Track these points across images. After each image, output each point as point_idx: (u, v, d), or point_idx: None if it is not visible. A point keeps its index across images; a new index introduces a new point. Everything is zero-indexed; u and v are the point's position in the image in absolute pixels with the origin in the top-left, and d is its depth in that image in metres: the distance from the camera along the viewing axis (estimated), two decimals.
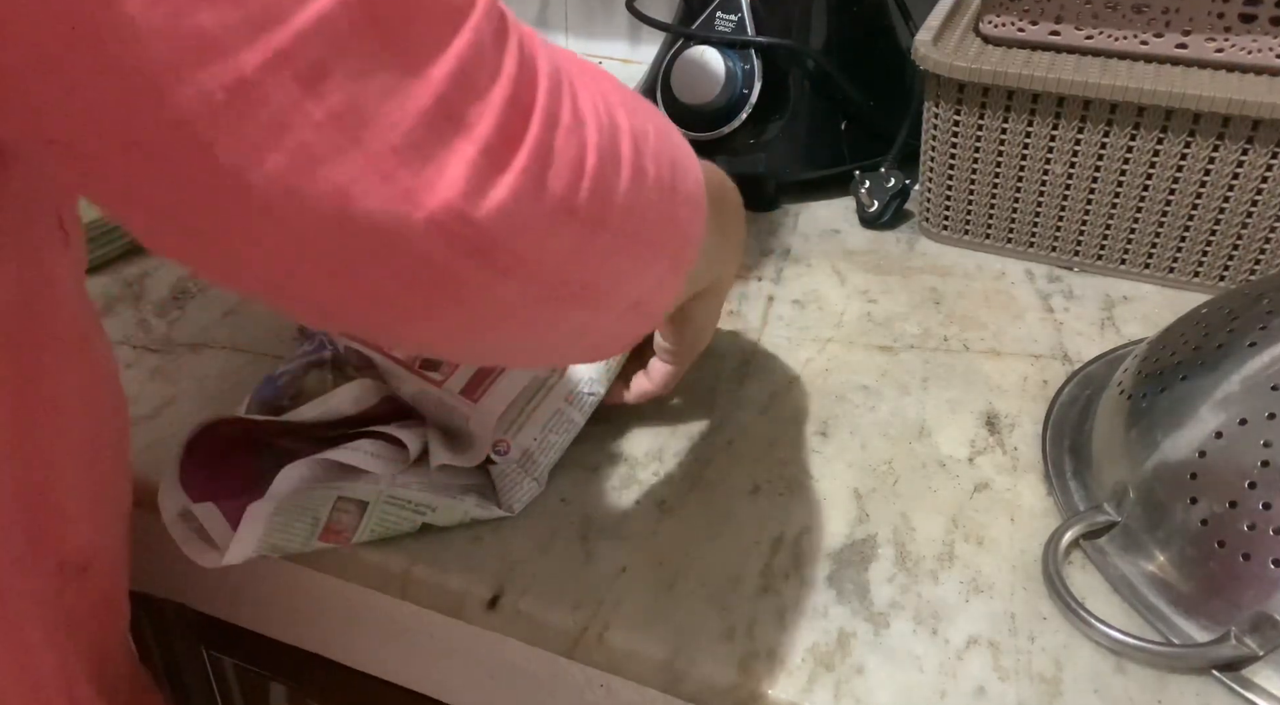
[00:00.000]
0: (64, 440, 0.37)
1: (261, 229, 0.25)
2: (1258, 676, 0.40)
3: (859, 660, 0.42)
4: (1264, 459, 0.41)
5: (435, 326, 0.29)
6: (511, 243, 0.27)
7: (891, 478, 0.51)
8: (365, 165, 0.24)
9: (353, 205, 0.24)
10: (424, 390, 0.49)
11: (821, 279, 0.66)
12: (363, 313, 0.28)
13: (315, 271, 0.26)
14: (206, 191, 0.24)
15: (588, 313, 0.33)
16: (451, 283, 0.27)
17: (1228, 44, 0.59)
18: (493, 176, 0.26)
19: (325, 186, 0.24)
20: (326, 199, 0.24)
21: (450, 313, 0.28)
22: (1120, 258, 0.65)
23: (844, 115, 0.74)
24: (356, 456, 0.47)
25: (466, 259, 0.26)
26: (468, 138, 0.25)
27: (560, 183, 0.27)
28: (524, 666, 0.48)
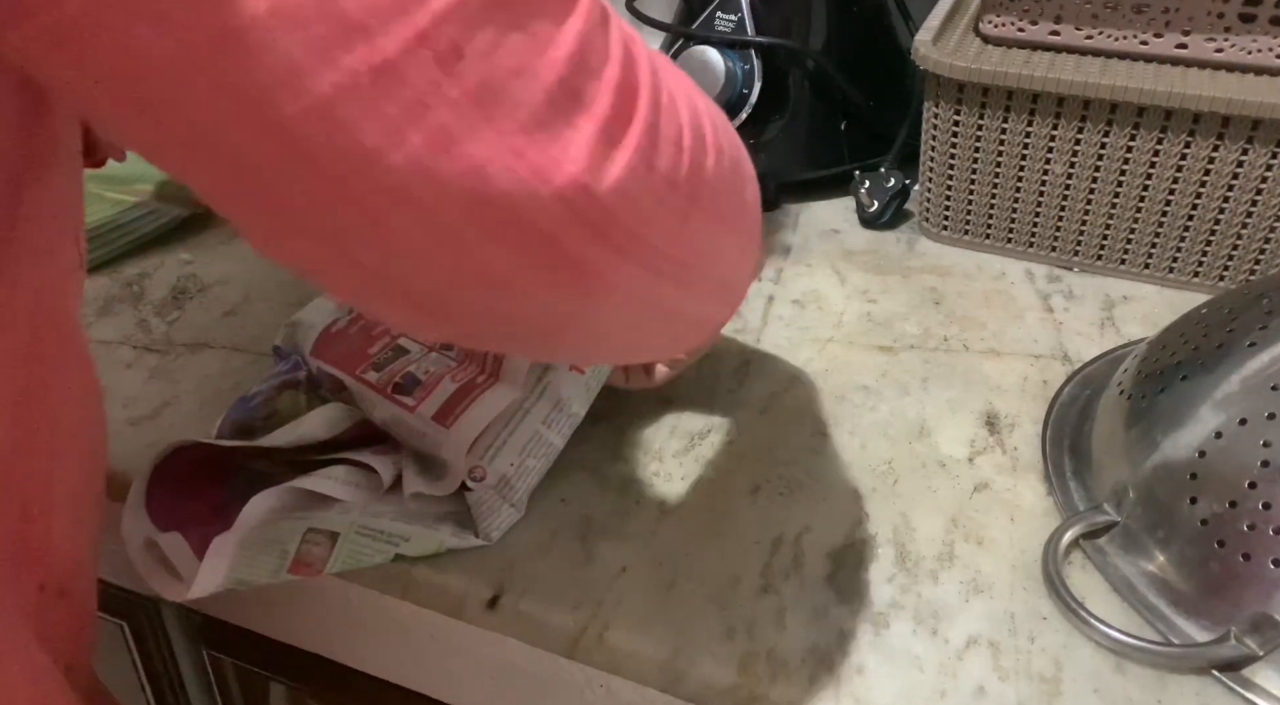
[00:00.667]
0: (58, 460, 0.37)
1: (391, 214, 0.25)
2: (1258, 676, 0.40)
3: (859, 660, 0.42)
4: (1264, 459, 0.41)
5: (544, 311, 0.29)
6: (627, 219, 0.28)
7: (891, 478, 0.51)
8: (498, 143, 0.25)
9: (485, 183, 0.25)
10: (397, 415, 0.48)
11: (821, 279, 0.66)
12: (472, 301, 0.28)
13: (436, 256, 0.26)
14: (342, 177, 0.24)
15: (683, 292, 0.33)
16: (569, 260, 0.27)
17: (1227, 44, 0.59)
18: (610, 153, 0.26)
19: (461, 165, 0.24)
20: (460, 178, 0.25)
21: (563, 293, 0.29)
22: (1120, 258, 0.65)
23: (844, 115, 0.74)
24: (328, 484, 0.46)
25: (588, 235, 0.27)
26: (587, 115, 0.26)
27: (665, 160, 0.28)
28: (524, 666, 0.48)
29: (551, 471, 0.50)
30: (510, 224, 0.26)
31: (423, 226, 0.26)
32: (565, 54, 0.25)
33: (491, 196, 0.25)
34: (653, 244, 0.29)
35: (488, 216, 0.26)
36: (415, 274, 0.27)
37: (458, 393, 0.48)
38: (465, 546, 0.47)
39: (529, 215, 0.26)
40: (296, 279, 0.66)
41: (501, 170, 0.25)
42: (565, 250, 0.27)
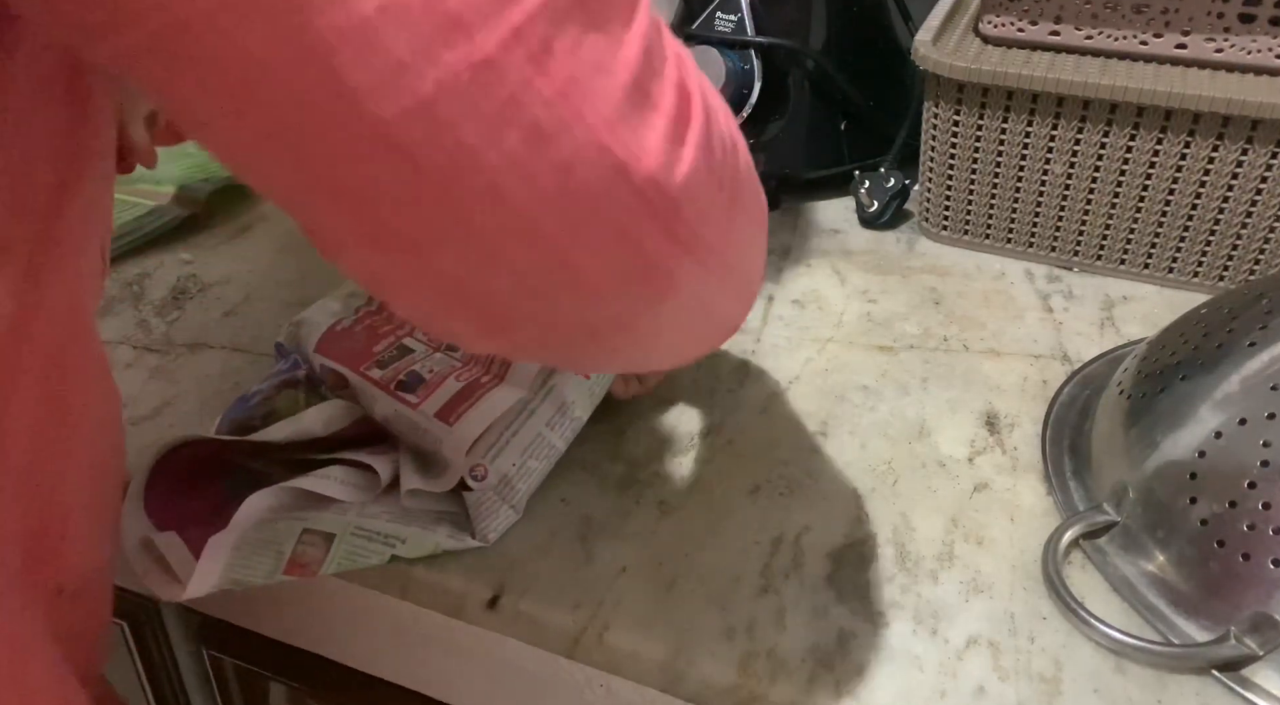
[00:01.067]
0: (78, 464, 0.37)
1: (481, 215, 0.25)
2: (1257, 676, 0.40)
3: (859, 660, 0.42)
4: (1263, 459, 0.41)
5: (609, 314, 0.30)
6: (691, 215, 0.28)
7: (891, 478, 0.51)
8: (587, 140, 0.25)
9: (572, 179, 0.25)
10: (399, 411, 0.48)
11: (821, 279, 0.66)
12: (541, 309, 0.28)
13: (519, 257, 0.26)
14: (438, 179, 0.24)
15: (723, 291, 0.33)
16: (643, 257, 0.28)
17: (1227, 44, 0.59)
18: (677, 150, 0.27)
19: (552, 161, 0.25)
20: (551, 175, 0.25)
21: (634, 292, 0.29)
22: (1120, 258, 0.65)
23: (844, 115, 0.74)
24: (325, 484, 0.46)
25: (659, 232, 0.27)
26: (657, 112, 0.26)
27: (716, 159, 0.29)
28: (524, 666, 0.48)
29: (551, 471, 0.50)
30: (593, 220, 0.26)
31: (511, 227, 0.26)
32: (635, 53, 0.26)
33: (578, 192, 0.25)
34: (708, 241, 0.29)
35: (573, 213, 0.26)
36: (494, 279, 0.27)
37: (462, 392, 0.48)
38: (461, 548, 0.47)
39: (610, 211, 0.26)
40: (297, 279, 0.66)
41: (588, 165, 0.25)
42: (641, 246, 0.27)
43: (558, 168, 0.25)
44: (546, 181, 0.25)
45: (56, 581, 0.37)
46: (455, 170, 0.24)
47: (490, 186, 0.25)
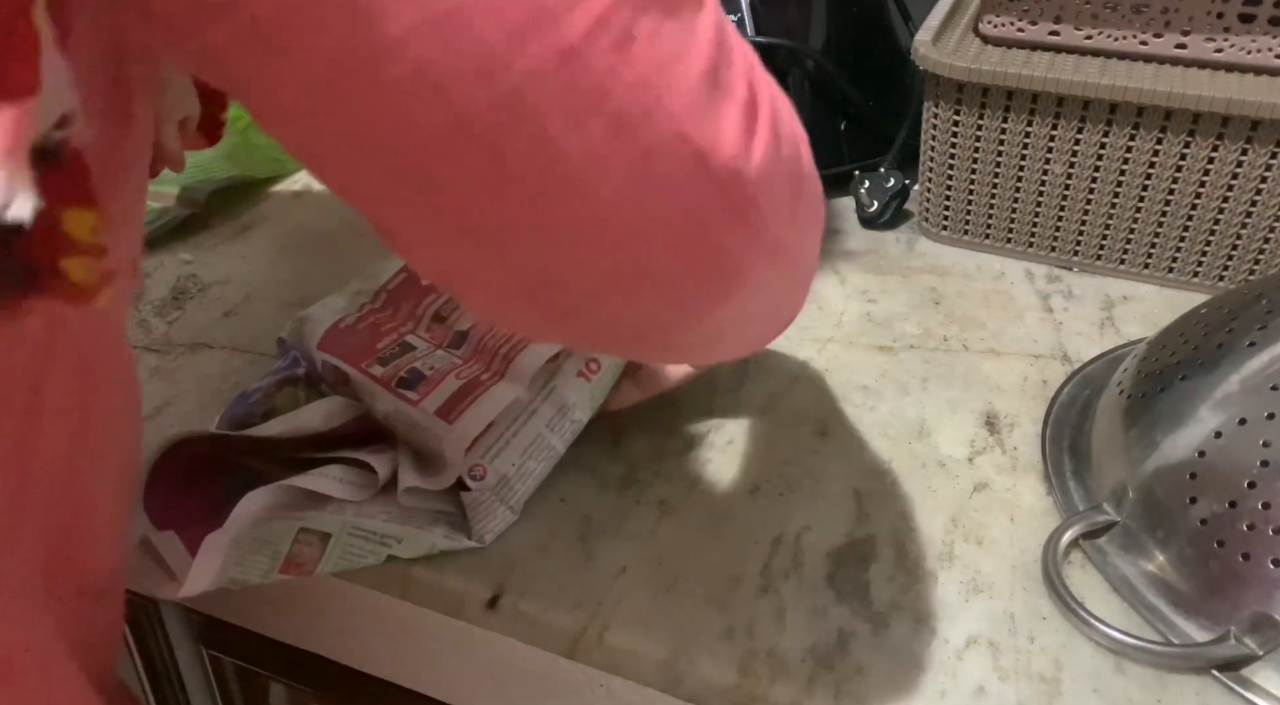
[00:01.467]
0: (105, 466, 0.37)
1: (562, 207, 0.25)
2: (1257, 676, 0.40)
3: (859, 660, 0.42)
4: (1263, 459, 0.42)
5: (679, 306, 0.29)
6: (764, 205, 0.28)
7: (891, 478, 0.51)
8: (667, 127, 0.25)
9: (653, 168, 0.25)
10: (399, 409, 0.48)
11: (821, 279, 0.66)
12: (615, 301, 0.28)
13: (597, 248, 0.26)
14: (522, 170, 0.24)
15: (785, 283, 0.33)
16: (717, 248, 0.28)
17: (1227, 44, 0.59)
18: (750, 137, 0.27)
19: (633, 150, 0.25)
20: (632, 164, 0.25)
21: (706, 284, 0.29)
22: (1119, 258, 0.65)
23: (843, 115, 0.74)
24: (323, 482, 0.46)
25: (733, 222, 0.27)
26: (731, 101, 0.26)
27: (784, 149, 0.28)
28: (524, 666, 0.48)
29: (551, 472, 0.50)
30: (671, 210, 0.26)
31: (591, 218, 0.26)
32: (708, 40, 0.26)
33: (658, 181, 0.25)
34: (777, 233, 0.29)
35: (652, 203, 0.26)
36: (571, 271, 0.27)
37: (462, 390, 0.48)
38: (458, 548, 0.47)
39: (687, 200, 0.26)
40: (297, 279, 0.66)
41: (668, 154, 0.25)
42: (716, 236, 0.27)
43: (639, 157, 0.25)
44: (628, 171, 0.25)
45: (78, 583, 0.37)
46: (539, 162, 0.24)
47: (574, 177, 0.24)
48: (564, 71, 0.23)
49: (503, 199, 0.25)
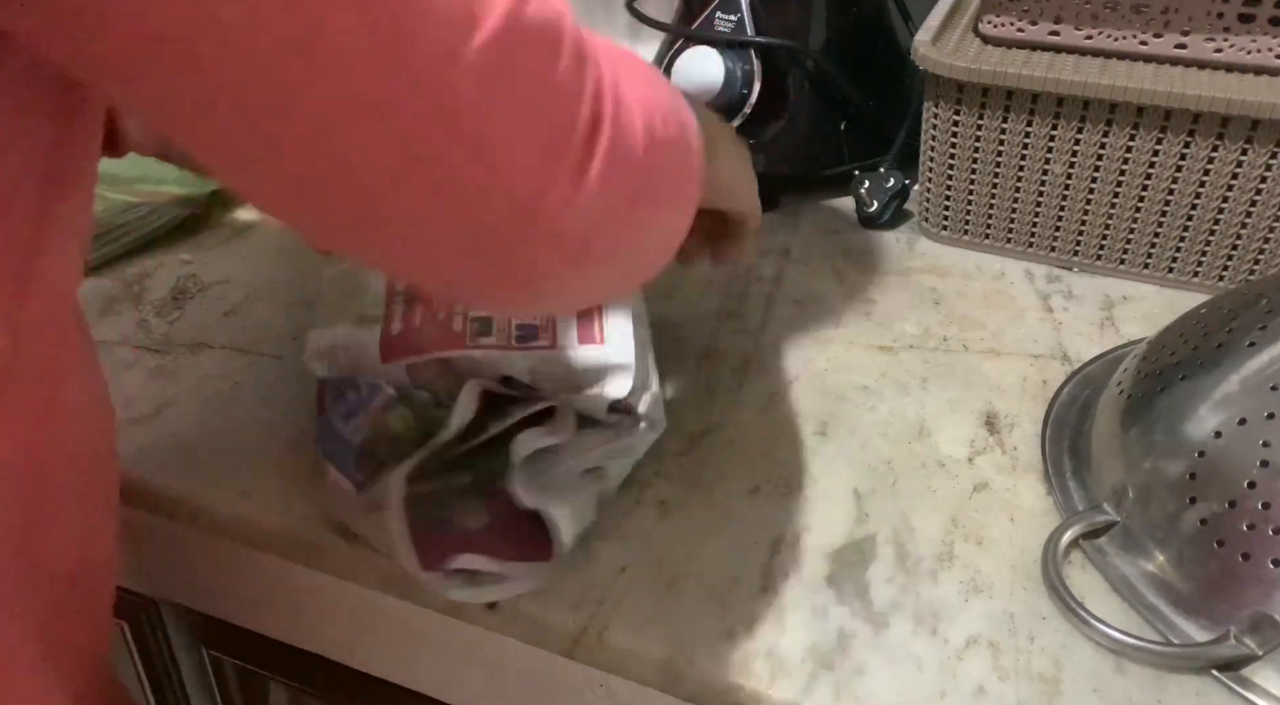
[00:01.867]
0: (68, 453, 0.37)
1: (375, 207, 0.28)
2: (1257, 676, 0.40)
3: (859, 660, 0.42)
4: (1263, 459, 0.42)
5: (486, 293, 0.34)
6: (580, 228, 0.31)
7: (891, 477, 0.51)
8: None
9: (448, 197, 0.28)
10: (542, 359, 0.49)
11: (821, 279, 0.66)
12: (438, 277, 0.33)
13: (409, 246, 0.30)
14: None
15: (636, 249, 0.36)
16: (518, 268, 0.31)
17: (1227, 44, 0.59)
18: (578, 180, 0.30)
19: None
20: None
21: (509, 287, 0.32)
22: (1119, 258, 0.65)
23: (843, 115, 0.74)
24: (543, 437, 0.47)
25: (543, 244, 0.30)
26: (566, 144, 0.29)
27: (618, 181, 0.31)
28: (524, 666, 0.48)
29: None
30: (463, 234, 0.29)
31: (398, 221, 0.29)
32: (555, 84, 0.29)
33: (451, 209, 0.29)
34: (597, 249, 0.32)
35: (447, 226, 0.29)
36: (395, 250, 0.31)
37: (581, 318, 0.49)
38: (651, 440, 0.50)
39: (487, 232, 0.29)
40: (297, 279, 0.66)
41: (475, 194, 0.28)
42: (514, 257, 0.31)
43: (433, 186, 0.28)
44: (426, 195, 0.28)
45: (49, 572, 0.37)
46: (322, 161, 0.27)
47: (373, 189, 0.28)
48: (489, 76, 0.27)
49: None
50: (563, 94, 0.29)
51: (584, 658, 0.44)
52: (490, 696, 0.51)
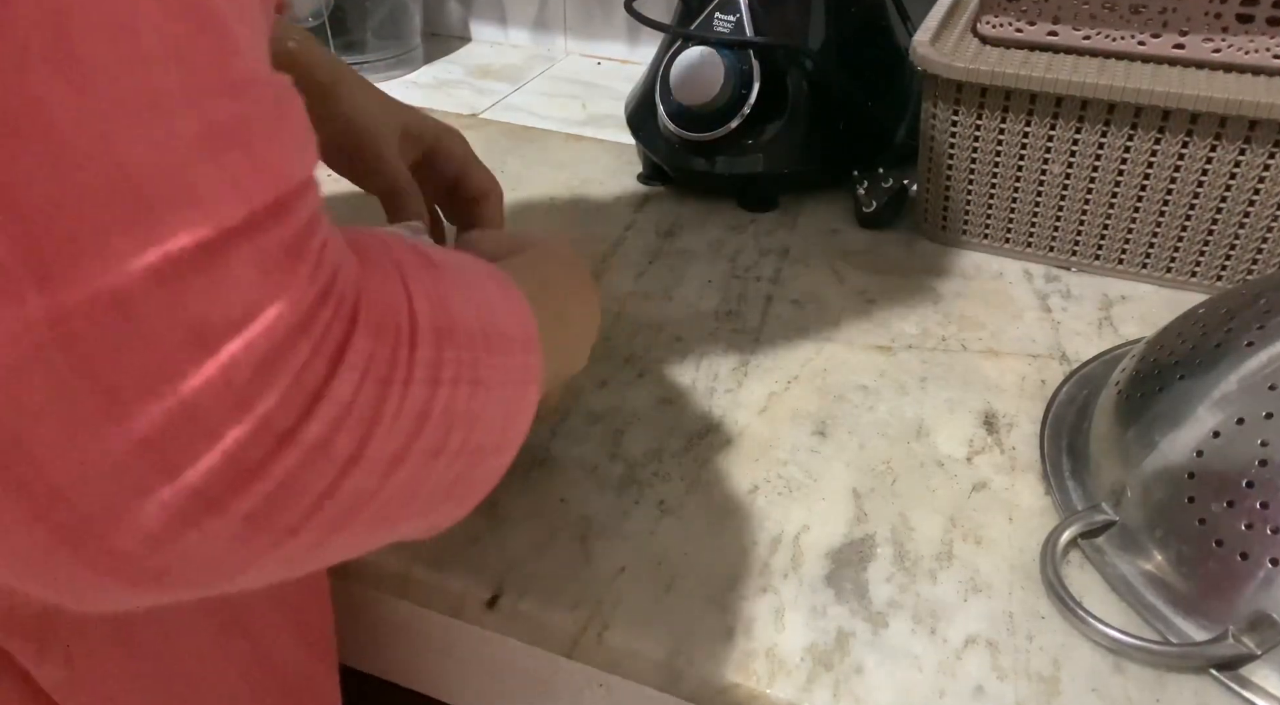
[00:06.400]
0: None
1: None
2: (1255, 675, 0.40)
3: (858, 659, 0.42)
4: (1261, 458, 0.42)
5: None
6: (197, 576, 0.24)
7: (890, 477, 0.51)
8: (13, 499, 0.21)
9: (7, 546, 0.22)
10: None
11: (820, 279, 0.66)
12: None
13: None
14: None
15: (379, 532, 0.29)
16: (90, 594, 0.24)
17: (1225, 44, 0.59)
18: (193, 522, 0.22)
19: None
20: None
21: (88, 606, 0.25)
22: (1118, 257, 0.65)
23: (842, 116, 0.74)
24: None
25: (125, 588, 0.23)
26: (169, 484, 0.21)
27: (293, 513, 0.24)
28: (523, 666, 0.48)
29: (551, 471, 0.50)
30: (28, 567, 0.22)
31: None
32: (152, 418, 0.21)
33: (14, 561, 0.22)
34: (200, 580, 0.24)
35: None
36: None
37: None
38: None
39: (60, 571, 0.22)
40: None
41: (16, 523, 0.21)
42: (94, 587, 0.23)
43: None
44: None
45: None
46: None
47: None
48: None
49: None
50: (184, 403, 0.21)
51: (583, 657, 0.44)
52: (490, 696, 0.51)
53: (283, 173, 0.22)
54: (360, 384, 0.24)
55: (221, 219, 0.21)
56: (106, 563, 0.22)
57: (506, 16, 1.06)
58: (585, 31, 1.03)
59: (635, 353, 0.60)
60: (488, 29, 1.08)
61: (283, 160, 0.23)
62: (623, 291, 0.65)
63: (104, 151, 0.19)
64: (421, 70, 1.02)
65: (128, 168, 0.20)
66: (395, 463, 0.26)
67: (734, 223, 0.73)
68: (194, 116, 0.21)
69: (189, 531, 0.22)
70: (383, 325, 0.25)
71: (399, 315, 0.26)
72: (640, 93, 0.78)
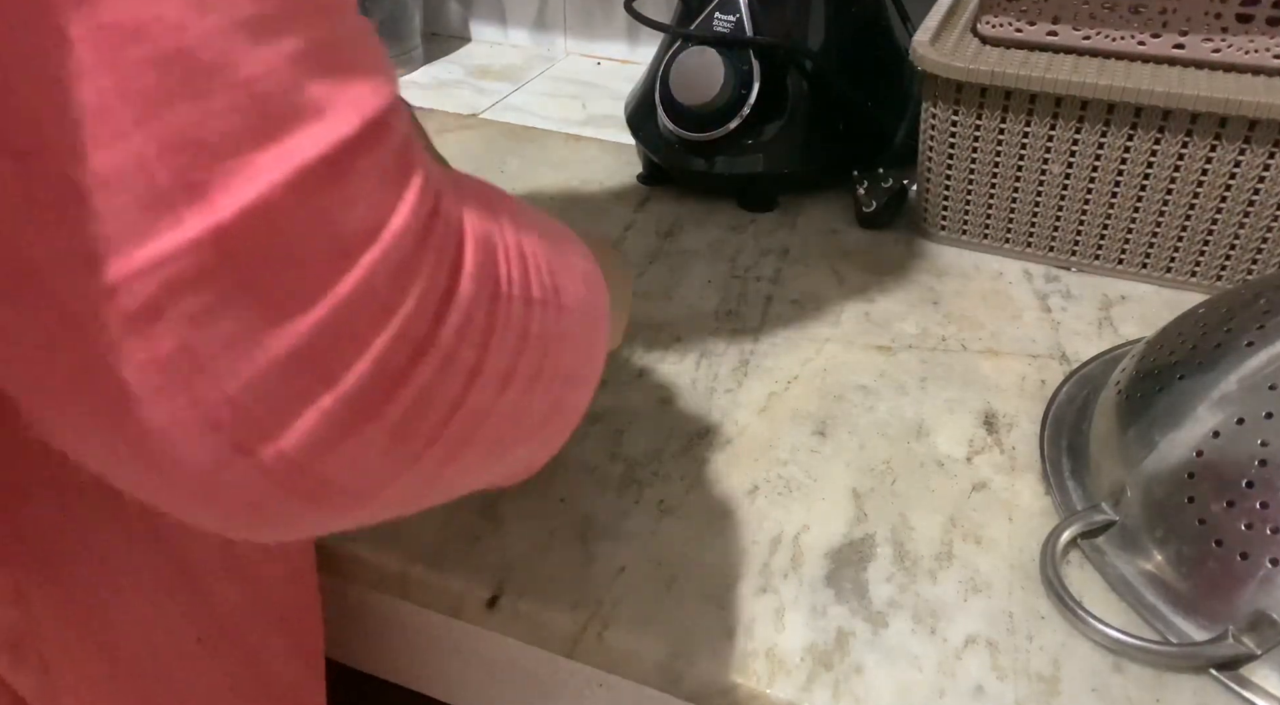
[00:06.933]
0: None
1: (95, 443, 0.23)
2: (1255, 675, 0.40)
3: (857, 659, 0.42)
4: (1261, 458, 0.42)
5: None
6: (356, 486, 0.25)
7: (890, 477, 0.51)
8: (190, 411, 0.22)
9: (173, 448, 0.22)
10: None
11: (820, 279, 0.66)
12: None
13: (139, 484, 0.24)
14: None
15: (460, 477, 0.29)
16: (260, 512, 0.25)
17: (1224, 44, 0.59)
18: (352, 428, 0.23)
19: (140, 427, 0.22)
20: (143, 440, 0.22)
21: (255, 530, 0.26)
22: (1118, 257, 0.65)
23: (842, 115, 0.74)
24: None
25: (300, 502, 0.24)
26: (329, 391, 0.23)
27: (431, 422, 0.25)
28: (523, 666, 0.48)
29: (551, 471, 0.50)
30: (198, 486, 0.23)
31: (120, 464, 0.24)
32: (309, 325, 0.22)
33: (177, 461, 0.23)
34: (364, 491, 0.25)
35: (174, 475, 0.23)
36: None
37: None
38: None
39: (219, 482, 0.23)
40: None
41: (189, 438, 0.22)
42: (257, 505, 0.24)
43: (150, 434, 0.22)
44: (138, 445, 0.22)
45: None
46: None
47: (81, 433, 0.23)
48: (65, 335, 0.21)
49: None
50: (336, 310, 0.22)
51: (583, 657, 0.44)
52: (490, 696, 0.51)
53: (382, 84, 0.24)
54: (476, 294, 0.25)
55: (340, 130, 0.22)
56: (280, 470, 0.23)
57: (506, 16, 1.06)
58: (585, 31, 1.03)
59: (635, 353, 0.60)
60: (488, 29, 1.08)
61: (379, 72, 0.24)
62: None
63: (230, 72, 0.21)
64: (421, 70, 1.02)
65: (252, 87, 0.21)
66: (506, 380, 0.27)
67: (734, 223, 0.73)
68: (299, 35, 0.22)
69: (348, 438, 0.23)
70: (485, 241, 0.26)
71: (494, 233, 0.27)
72: (640, 93, 0.78)
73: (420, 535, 0.48)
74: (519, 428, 0.30)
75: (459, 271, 0.25)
